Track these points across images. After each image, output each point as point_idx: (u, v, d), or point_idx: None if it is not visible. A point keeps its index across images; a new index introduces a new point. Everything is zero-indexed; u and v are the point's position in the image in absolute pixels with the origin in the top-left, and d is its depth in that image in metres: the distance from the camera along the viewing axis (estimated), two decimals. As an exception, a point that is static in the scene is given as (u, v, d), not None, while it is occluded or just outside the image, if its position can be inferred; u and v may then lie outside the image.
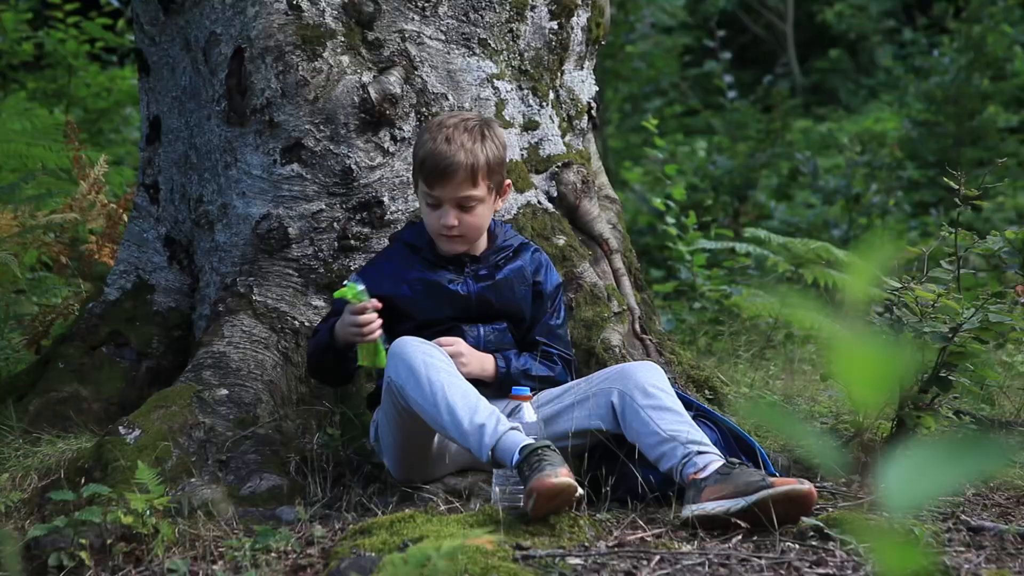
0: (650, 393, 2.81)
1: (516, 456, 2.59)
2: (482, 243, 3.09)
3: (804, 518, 2.59)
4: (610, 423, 2.87)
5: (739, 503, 2.53)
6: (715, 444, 2.82)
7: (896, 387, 3.05)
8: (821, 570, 2.34)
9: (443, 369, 2.77)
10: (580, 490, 2.56)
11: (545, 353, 3.07)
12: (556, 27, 3.62)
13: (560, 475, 2.50)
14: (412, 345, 2.80)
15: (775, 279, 6.55)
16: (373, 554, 2.35)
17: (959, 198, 3.36)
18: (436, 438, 2.90)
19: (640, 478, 2.80)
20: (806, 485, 2.56)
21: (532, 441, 2.61)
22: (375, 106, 3.32)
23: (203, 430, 3.04)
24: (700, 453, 2.68)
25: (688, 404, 2.97)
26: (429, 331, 2.95)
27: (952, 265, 3.30)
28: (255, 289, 3.35)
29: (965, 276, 3.37)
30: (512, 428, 2.67)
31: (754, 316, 5.59)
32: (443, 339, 2.93)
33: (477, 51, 3.49)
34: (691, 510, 2.57)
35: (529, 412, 2.81)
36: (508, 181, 3.11)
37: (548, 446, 2.60)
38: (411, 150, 3.38)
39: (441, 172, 2.92)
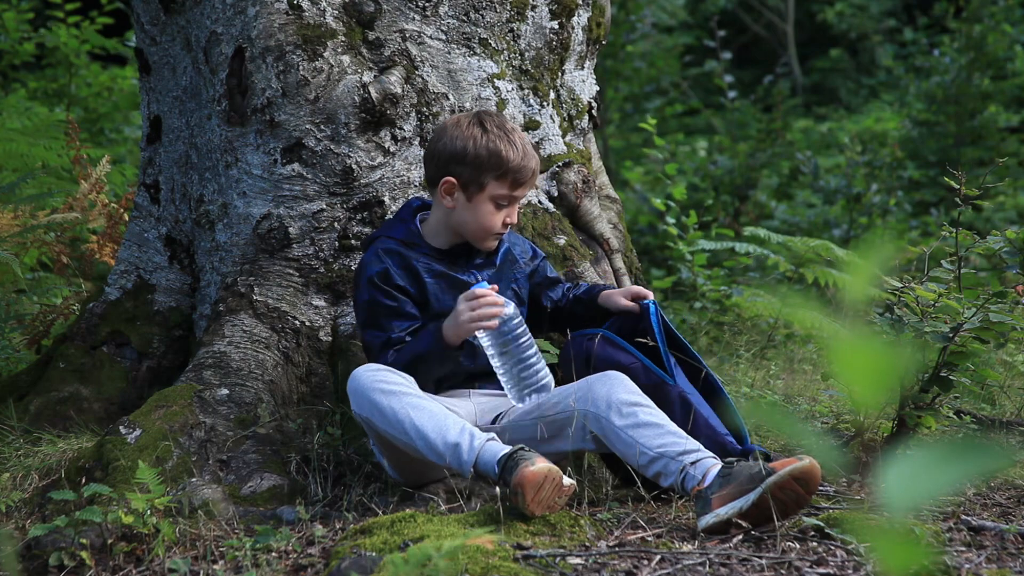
0: (625, 412, 2.76)
1: (496, 468, 2.60)
2: None
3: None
4: (593, 444, 2.86)
5: (748, 499, 2.52)
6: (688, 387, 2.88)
7: (897, 387, 3.05)
8: (822, 570, 2.34)
9: (403, 393, 2.76)
10: (568, 479, 2.56)
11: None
12: (557, 27, 3.63)
13: (537, 463, 2.52)
14: (366, 376, 2.79)
15: (775, 279, 6.55)
16: (374, 554, 2.35)
17: (960, 198, 3.36)
18: None
19: (639, 482, 2.80)
20: (806, 460, 2.54)
21: (508, 450, 2.62)
22: (376, 106, 3.32)
23: (204, 430, 3.05)
24: (694, 463, 2.66)
25: (682, 348, 3.03)
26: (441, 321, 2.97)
27: (953, 265, 3.30)
28: (256, 289, 3.35)
29: (966, 276, 3.37)
30: (489, 439, 2.68)
31: (755, 316, 5.59)
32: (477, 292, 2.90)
33: (478, 51, 3.49)
34: (706, 521, 2.55)
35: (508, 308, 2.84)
36: None
37: (522, 448, 2.62)
38: (411, 150, 3.38)
39: (529, 174, 2.97)
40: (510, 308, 2.87)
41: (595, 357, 2.98)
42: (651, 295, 3.07)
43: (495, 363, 2.90)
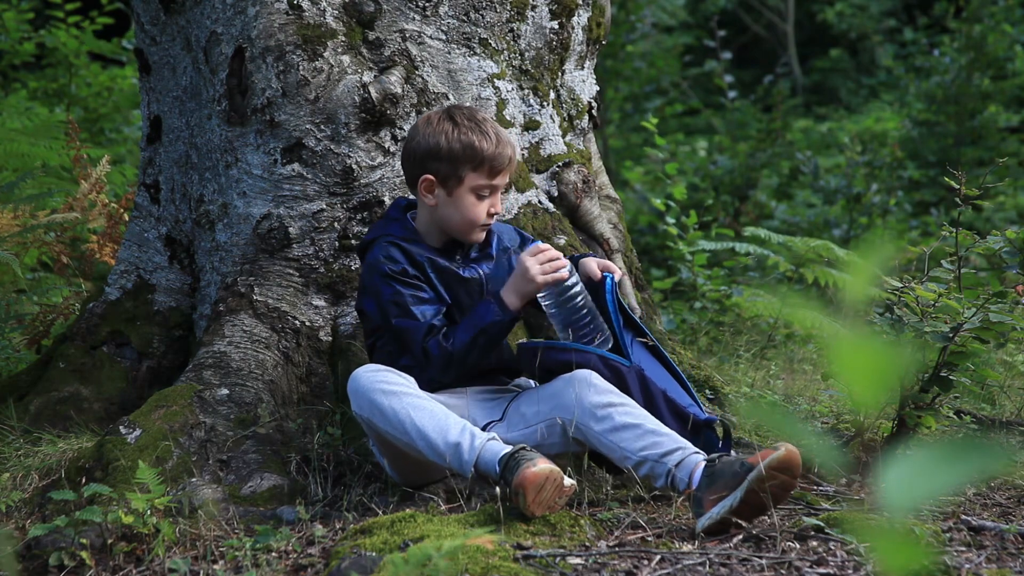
0: (600, 415, 2.76)
1: (497, 467, 2.60)
2: None
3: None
4: (579, 447, 2.86)
5: (736, 496, 2.53)
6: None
7: (897, 387, 3.05)
8: (822, 570, 2.34)
9: (403, 393, 2.76)
10: (568, 479, 2.56)
11: None
12: (557, 27, 3.63)
13: (539, 464, 2.52)
14: (366, 377, 2.79)
15: (775, 279, 6.55)
16: (374, 554, 2.35)
17: (960, 198, 3.36)
18: None
19: (639, 484, 2.80)
20: (782, 449, 2.54)
21: (509, 448, 2.63)
22: (376, 106, 3.32)
23: (204, 430, 3.05)
24: (679, 464, 2.66)
25: (632, 324, 3.03)
26: (449, 319, 2.96)
27: (953, 265, 3.30)
28: (256, 289, 3.35)
29: (966, 276, 3.37)
30: (490, 439, 2.68)
31: (755, 316, 5.59)
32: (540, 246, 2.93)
33: (478, 51, 3.49)
34: (702, 523, 2.56)
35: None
36: None
37: (523, 447, 2.62)
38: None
39: (506, 161, 2.96)
40: (567, 262, 2.91)
41: (548, 364, 2.96)
42: (617, 272, 3.06)
43: (556, 319, 2.93)
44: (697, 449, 2.71)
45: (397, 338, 2.91)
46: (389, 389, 2.76)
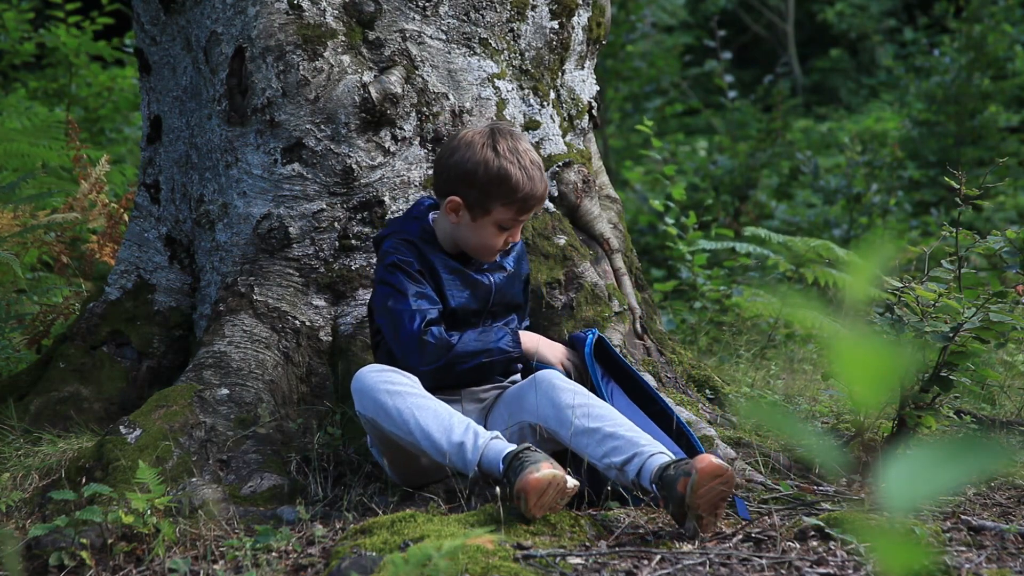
0: (563, 420, 2.78)
1: (501, 466, 2.61)
2: None
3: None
4: (558, 445, 2.87)
5: (692, 515, 2.55)
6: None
7: (897, 387, 3.05)
8: (822, 570, 2.34)
9: (407, 393, 2.76)
10: (571, 480, 2.56)
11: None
12: (557, 27, 3.63)
13: (542, 469, 2.52)
14: (371, 376, 2.80)
15: (775, 279, 6.55)
16: (374, 554, 2.35)
17: (960, 197, 3.36)
18: None
19: (630, 500, 2.81)
20: (693, 473, 2.52)
21: (513, 448, 2.63)
22: (376, 106, 3.32)
23: (204, 430, 3.05)
24: (639, 472, 2.67)
25: (627, 373, 3.04)
26: (450, 320, 2.96)
27: (953, 265, 3.30)
28: (256, 289, 3.35)
29: (966, 276, 3.37)
30: (494, 438, 2.69)
31: (755, 316, 5.59)
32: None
33: (478, 51, 3.49)
34: (688, 531, 2.58)
35: None
36: None
37: (528, 447, 2.62)
38: (411, 150, 3.38)
39: (536, 202, 2.97)
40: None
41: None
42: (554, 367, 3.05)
43: None
44: (653, 450, 2.69)
45: (389, 322, 2.90)
46: (393, 389, 2.76)
